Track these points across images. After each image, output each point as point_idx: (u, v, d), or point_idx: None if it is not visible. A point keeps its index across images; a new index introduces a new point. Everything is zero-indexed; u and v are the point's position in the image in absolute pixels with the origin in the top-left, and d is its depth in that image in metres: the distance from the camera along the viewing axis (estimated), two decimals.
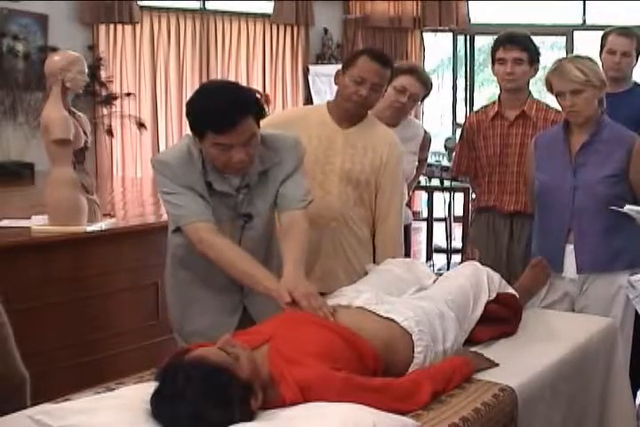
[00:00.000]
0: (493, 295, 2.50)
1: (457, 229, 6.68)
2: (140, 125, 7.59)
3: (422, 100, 3.44)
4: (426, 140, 3.57)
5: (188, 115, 2.30)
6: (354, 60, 2.83)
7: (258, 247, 2.49)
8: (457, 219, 6.67)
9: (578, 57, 2.99)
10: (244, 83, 8.08)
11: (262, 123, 2.33)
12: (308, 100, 8.59)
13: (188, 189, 2.35)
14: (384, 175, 2.90)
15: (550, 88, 2.93)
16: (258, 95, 2.35)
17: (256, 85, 8.35)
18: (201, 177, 2.36)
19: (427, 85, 3.33)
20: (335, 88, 2.90)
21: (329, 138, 2.85)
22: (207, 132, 2.23)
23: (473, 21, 8.99)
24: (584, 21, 8.81)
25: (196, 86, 2.41)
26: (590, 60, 2.93)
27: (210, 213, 2.37)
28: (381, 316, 2.16)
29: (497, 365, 2.19)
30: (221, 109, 2.20)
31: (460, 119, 8.76)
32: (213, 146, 2.25)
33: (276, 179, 2.46)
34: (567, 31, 8.83)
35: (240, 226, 2.45)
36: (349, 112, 2.87)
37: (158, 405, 1.67)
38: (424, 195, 7.48)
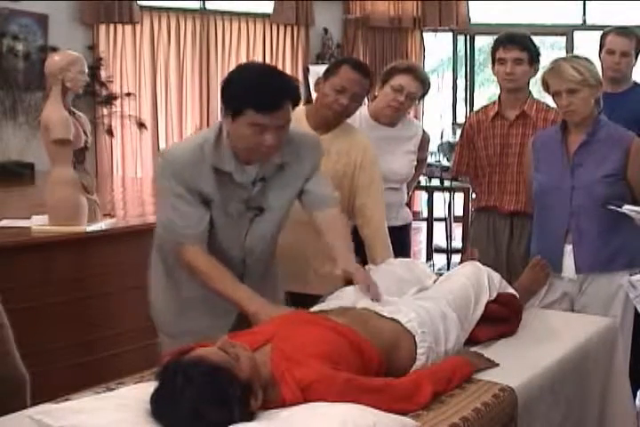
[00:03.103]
0: (494, 295, 2.50)
1: (457, 229, 6.68)
2: (140, 125, 7.58)
3: (420, 99, 3.44)
4: (424, 140, 3.56)
5: (224, 91, 2.23)
6: (335, 69, 2.86)
7: (262, 243, 2.48)
8: (457, 219, 6.67)
9: (574, 57, 3.00)
10: None
11: None
12: (309, 100, 8.58)
13: (190, 190, 2.30)
14: (359, 178, 2.94)
15: (547, 88, 2.93)
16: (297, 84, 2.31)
17: None
18: (210, 173, 2.30)
19: (424, 84, 3.33)
20: None
21: None
22: (247, 110, 2.17)
23: (473, 21, 8.98)
24: (584, 21, 8.81)
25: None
26: (587, 59, 2.93)
27: (204, 225, 2.33)
28: (385, 317, 2.16)
29: (497, 365, 2.19)
30: (269, 88, 2.17)
31: (460, 119, 8.76)
32: (248, 126, 2.19)
33: (296, 175, 2.43)
34: (567, 31, 8.83)
35: (249, 219, 2.42)
36: (327, 120, 2.91)
37: (158, 404, 1.67)
38: (424, 195, 7.48)
